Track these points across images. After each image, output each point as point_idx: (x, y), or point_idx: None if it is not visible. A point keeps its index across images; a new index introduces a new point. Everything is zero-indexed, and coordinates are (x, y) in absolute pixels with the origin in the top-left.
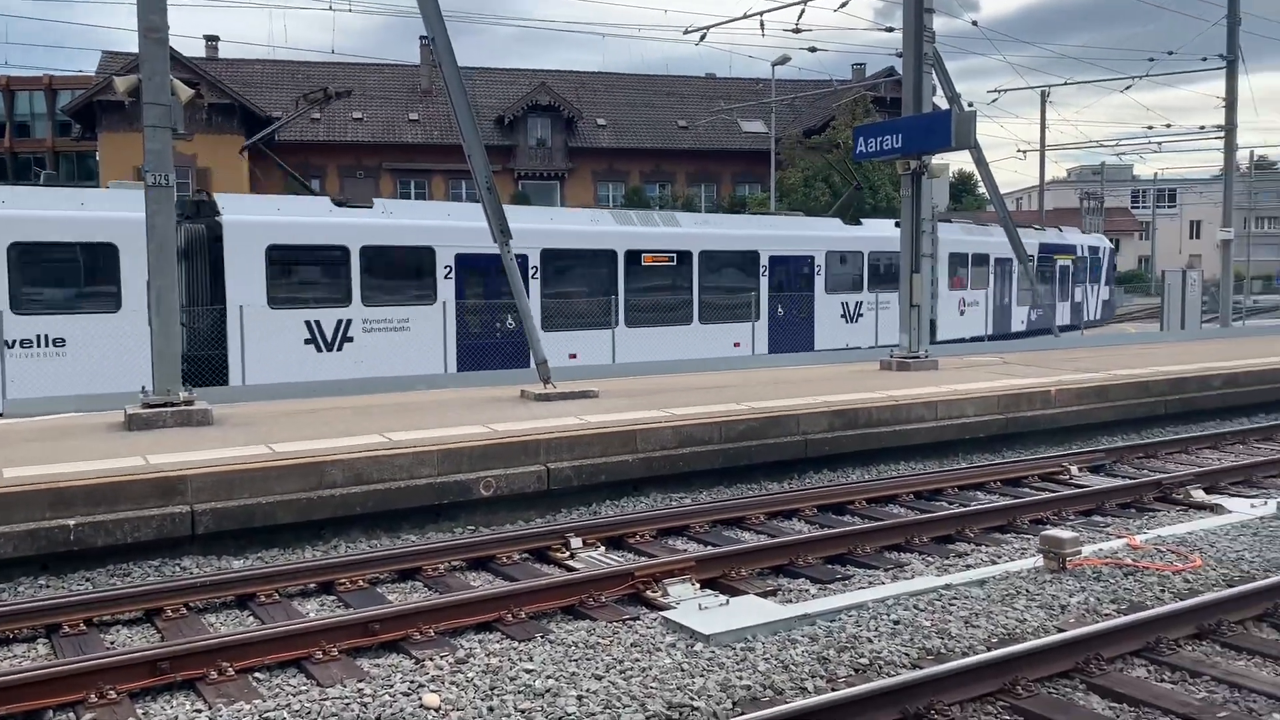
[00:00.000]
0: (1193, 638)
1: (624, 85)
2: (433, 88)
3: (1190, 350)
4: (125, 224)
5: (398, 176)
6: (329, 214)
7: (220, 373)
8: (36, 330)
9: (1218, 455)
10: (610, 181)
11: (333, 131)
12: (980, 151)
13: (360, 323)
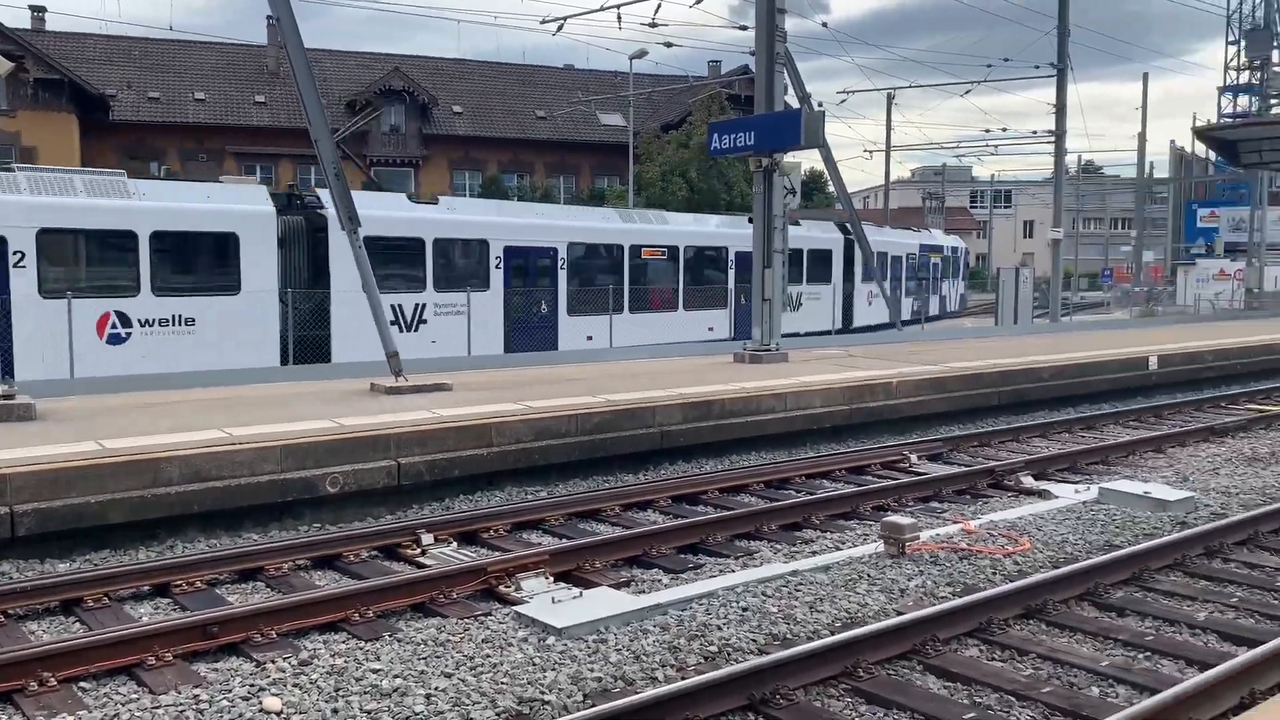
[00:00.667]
0: (1021, 617)
1: (481, 73)
2: (280, 69)
3: (1022, 344)
4: (244, 215)
5: (243, 160)
6: (410, 210)
7: (324, 352)
8: (173, 310)
9: (1046, 443)
10: (467, 170)
11: (172, 112)
12: (829, 151)
13: (432, 307)
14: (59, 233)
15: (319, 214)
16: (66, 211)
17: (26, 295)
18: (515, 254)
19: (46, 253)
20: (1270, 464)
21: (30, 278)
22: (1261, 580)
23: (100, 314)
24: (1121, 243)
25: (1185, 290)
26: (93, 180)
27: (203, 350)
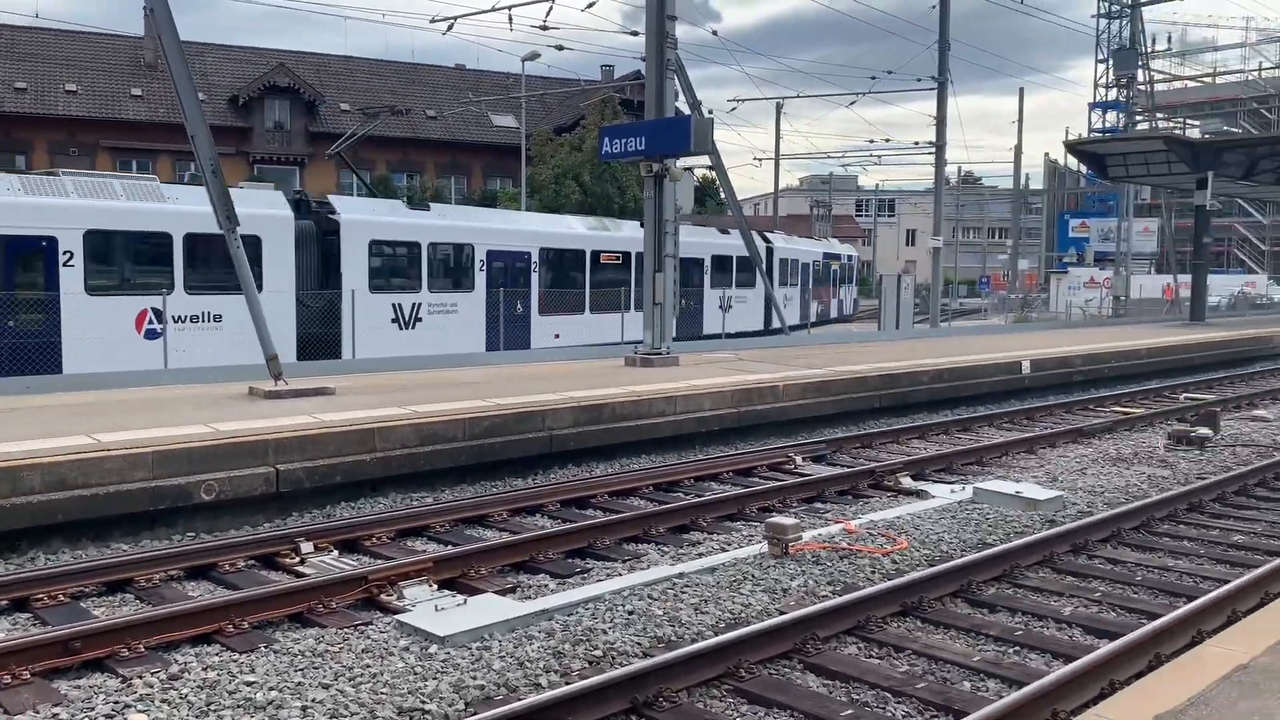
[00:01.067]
0: (898, 615)
1: (369, 70)
2: (158, 62)
3: (904, 348)
4: (267, 219)
5: (117, 156)
6: (407, 215)
7: (334, 348)
8: (202, 308)
9: (924, 444)
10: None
11: (41, 104)
12: (719, 157)
13: (427, 306)
14: (103, 234)
15: (330, 218)
16: (109, 214)
17: (73, 292)
18: (496, 257)
19: (92, 252)
20: (1133, 464)
21: (77, 275)
22: (1123, 575)
23: (139, 310)
24: (999, 251)
25: (1057, 297)
26: (131, 185)
27: (230, 345)
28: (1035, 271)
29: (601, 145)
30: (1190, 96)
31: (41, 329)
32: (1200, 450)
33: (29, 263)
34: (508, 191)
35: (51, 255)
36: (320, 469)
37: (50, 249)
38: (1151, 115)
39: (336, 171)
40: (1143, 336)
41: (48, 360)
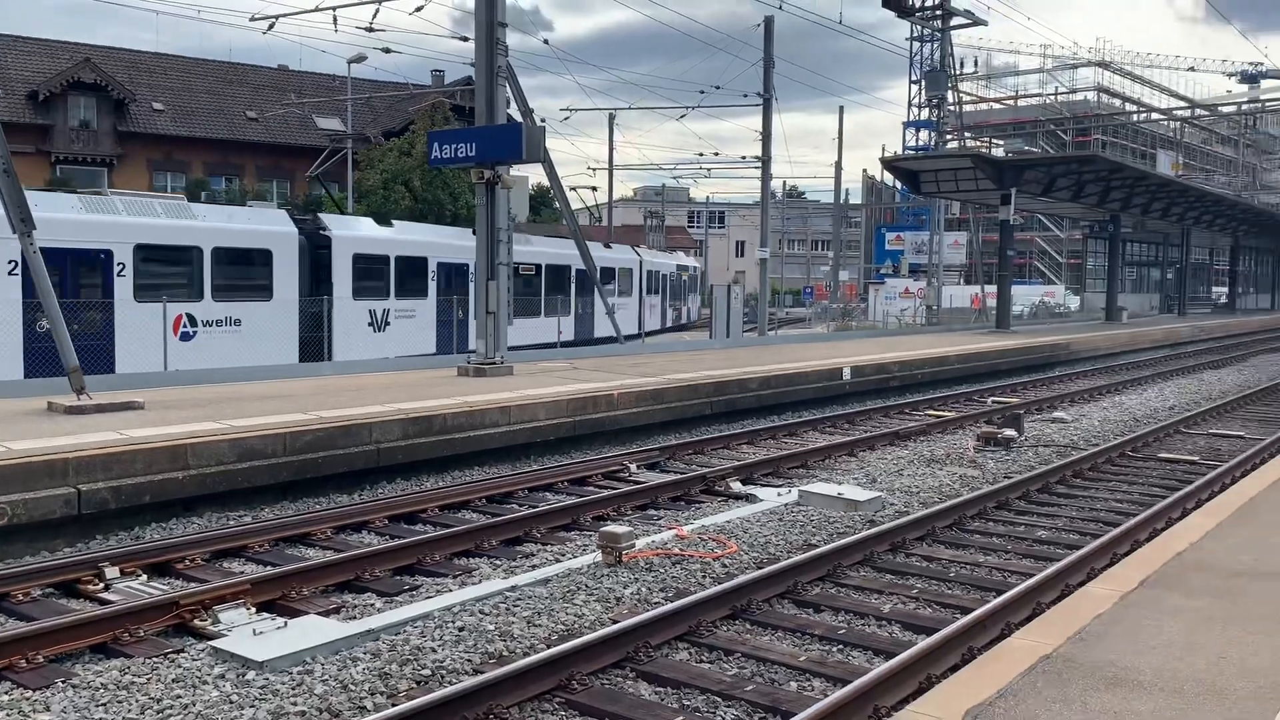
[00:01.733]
0: (728, 618)
1: (185, 69)
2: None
3: (734, 356)
4: (278, 236)
5: None
6: (379, 231)
7: (324, 349)
8: (226, 313)
9: (753, 449)
10: (169, 171)
11: None
12: (553, 166)
13: (394, 311)
14: (148, 248)
15: (322, 234)
16: (152, 230)
17: (124, 299)
18: (444, 268)
19: (139, 264)
20: (946, 464)
21: (128, 284)
22: (938, 571)
23: (175, 315)
24: (821, 262)
25: (876, 307)
26: (168, 204)
27: (247, 346)
28: (855, 282)
29: (431, 151)
30: (995, 117)
31: (100, 331)
32: (1007, 451)
33: (89, 272)
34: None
35: (108, 266)
36: (127, 489)
37: (107, 260)
38: (960, 134)
39: (150, 173)
40: (953, 343)
41: (103, 359)
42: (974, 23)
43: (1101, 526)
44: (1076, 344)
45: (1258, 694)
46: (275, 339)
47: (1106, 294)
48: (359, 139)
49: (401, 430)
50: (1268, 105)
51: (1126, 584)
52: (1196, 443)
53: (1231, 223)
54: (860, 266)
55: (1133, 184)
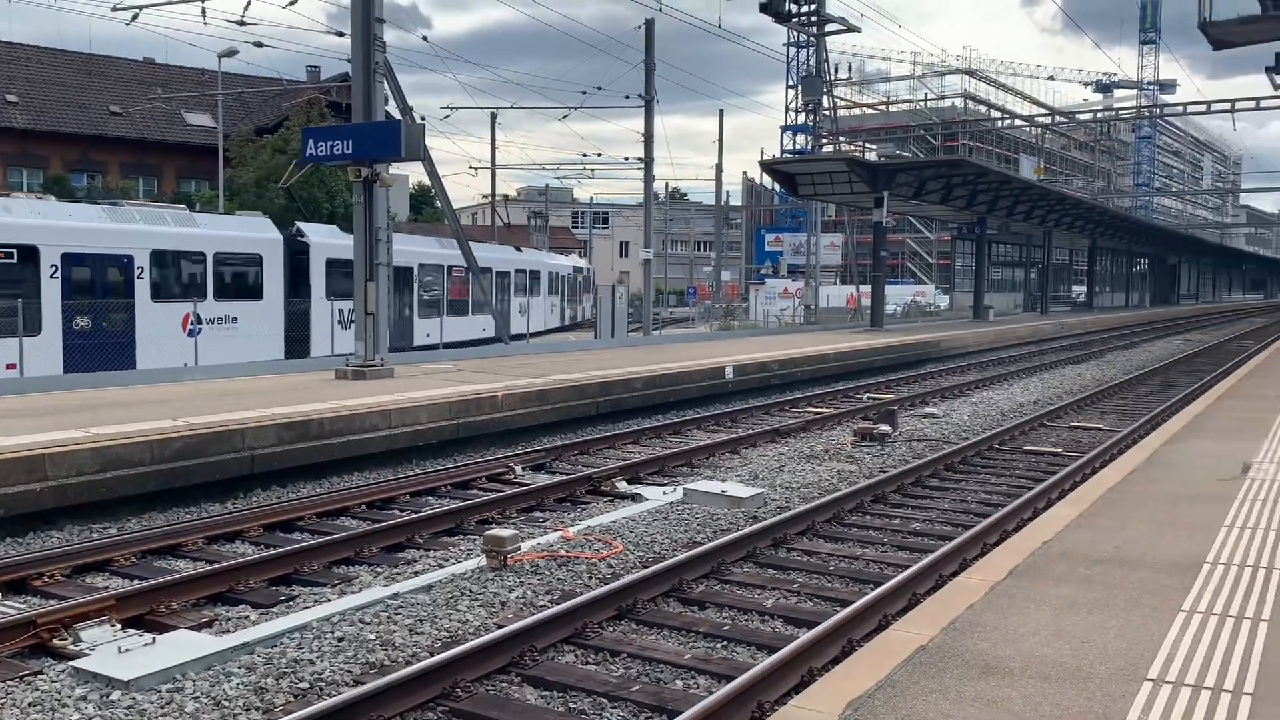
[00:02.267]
0: (614, 619)
1: (41, 60)
2: None
3: (619, 356)
4: (266, 241)
5: None
6: (342, 237)
7: (305, 345)
8: (225, 312)
9: (639, 449)
10: (25, 167)
11: None
12: (433, 165)
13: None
14: (162, 253)
15: (300, 240)
16: (165, 238)
17: (143, 299)
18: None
19: (154, 268)
20: (824, 460)
21: (146, 285)
22: (818, 565)
23: (183, 313)
24: (704, 263)
25: (757, 306)
26: (175, 214)
27: (242, 342)
28: (737, 282)
29: (305, 148)
30: (869, 122)
31: (123, 328)
32: (882, 446)
33: (113, 275)
34: (203, 194)
35: (130, 270)
36: None
37: (129, 264)
38: (835, 139)
39: (4, 169)
40: (831, 342)
41: (126, 354)
42: (847, 29)
43: (972, 518)
44: (947, 342)
45: (1118, 676)
46: (266, 335)
47: (974, 293)
48: None
49: (277, 436)
50: (1120, 114)
51: (997, 574)
52: (1060, 435)
53: (1089, 225)
54: (741, 267)
55: (997, 188)
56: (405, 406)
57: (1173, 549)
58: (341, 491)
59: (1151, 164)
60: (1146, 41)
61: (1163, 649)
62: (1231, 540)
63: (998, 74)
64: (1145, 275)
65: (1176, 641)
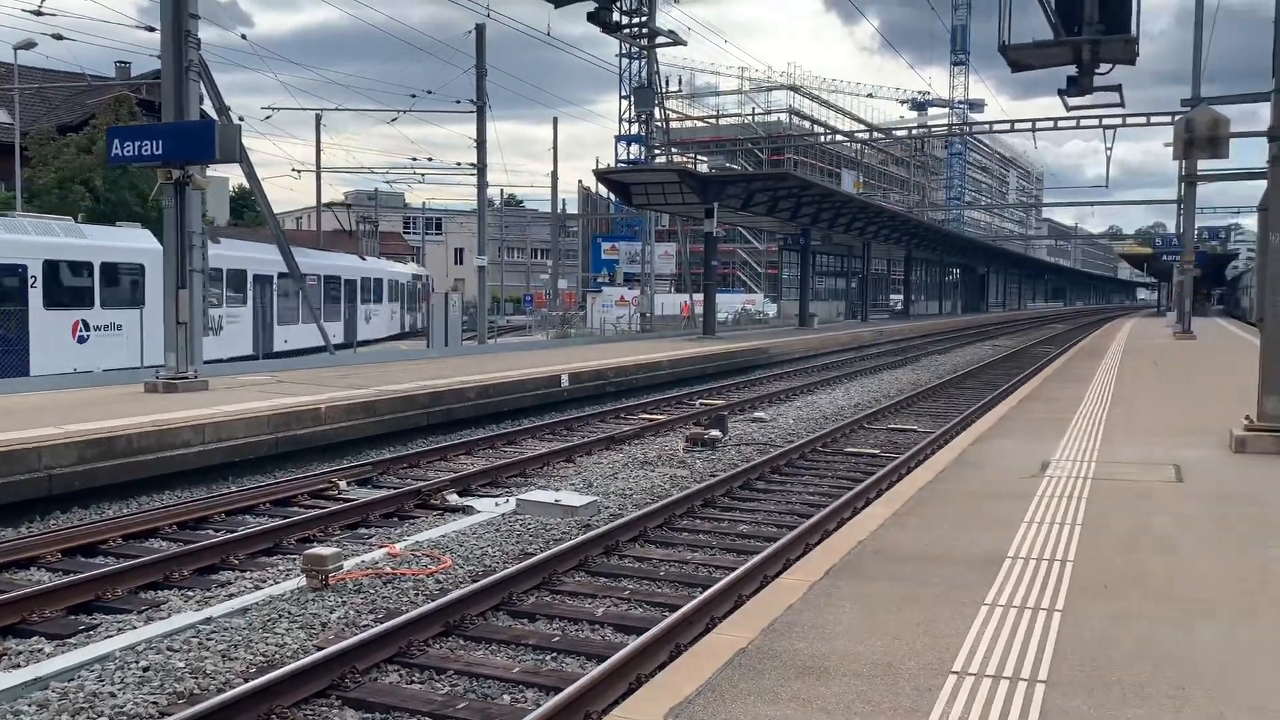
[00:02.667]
0: (441, 635)
1: None
2: None
3: (452, 365)
4: (148, 251)
5: None
6: (214, 248)
7: None
8: (111, 319)
9: (471, 460)
10: None
11: None
12: (251, 167)
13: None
14: (54, 263)
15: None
16: (57, 248)
17: (36, 306)
18: (259, 279)
19: (47, 277)
20: (657, 466)
21: (39, 294)
22: (649, 571)
23: (73, 321)
24: (541, 271)
25: (593, 314)
26: (63, 225)
27: (128, 349)
28: (574, 290)
29: (111, 148)
30: (700, 135)
31: (16, 335)
32: (713, 450)
33: (6, 284)
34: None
35: (24, 279)
36: None
37: (23, 274)
38: (668, 150)
39: None
40: (665, 349)
41: (19, 359)
42: (675, 42)
43: (797, 519)
44: (774, 348)
45: (925, 670)
46: (148, 341)
47: (799, 302)
48: None
49: (78, 454)
50: (933, 131)
51: (815, 573)
52: (878, 437)
53: (905, 236)
54: (579, 275)
55: (820, 200)
56: (221, 421)
57: (978, 545)
58: (150, 512)
59: (962, 179)
60: (957, 63)
61: (967, 642)
62: (1031, 535)
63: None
64: (957, 284)
65: (979, 634)
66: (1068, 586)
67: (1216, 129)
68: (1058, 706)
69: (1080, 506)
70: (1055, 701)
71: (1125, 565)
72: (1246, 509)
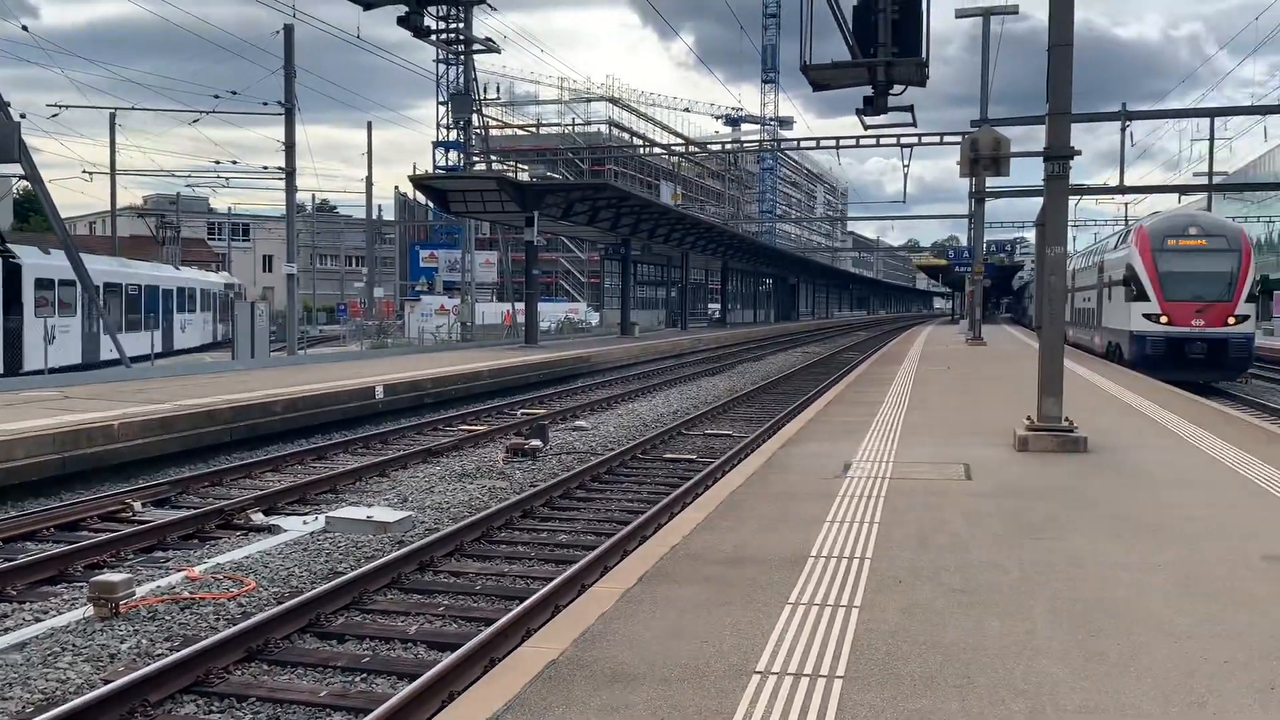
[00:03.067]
0: (243, 661)
1: None
2: None
3: (259, 378)
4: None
5: None
6: (45, 259)
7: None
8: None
9: (279, 477)
10: None
11: None
12: (35, 168)
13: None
14: None
15: (13, 262)
16: None
17: None
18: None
19: None
20: (476, 478)
21: None
22: (465, 586)
23: None
24: (356, 279)
25: (412, 324)
26: None
27: None
28: (392, 299)
29: None
30: (520, 143)
31: None
32: (534, 460)
33: None
34: None
35: None
36: None
37: None
38: (487, 157)
39: None
40: (486, 359)
41: None
42: (488, 49)
43: (616, 526)
44: (597, 357)
45: (730, 671)
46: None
47: (621, 310)
48: None
49: None
50: (745, 146)
51: (628, 580)
52: (695, 442)
53: (721, 248)
54: (396, 283)
55: (639, 211)
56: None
57: (783, 545)
58: None
59: (774, 193)
60: (768, 80)
61: (770, 641)
62: (833, 534)
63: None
64: (770, 294)
65: (783, 633)
66: (865, 583)
67: (998, 149)
68: (854, 701)
69: (879, 505)
70: (852, 696)
71: (918, 561)
72: (1027, 503)
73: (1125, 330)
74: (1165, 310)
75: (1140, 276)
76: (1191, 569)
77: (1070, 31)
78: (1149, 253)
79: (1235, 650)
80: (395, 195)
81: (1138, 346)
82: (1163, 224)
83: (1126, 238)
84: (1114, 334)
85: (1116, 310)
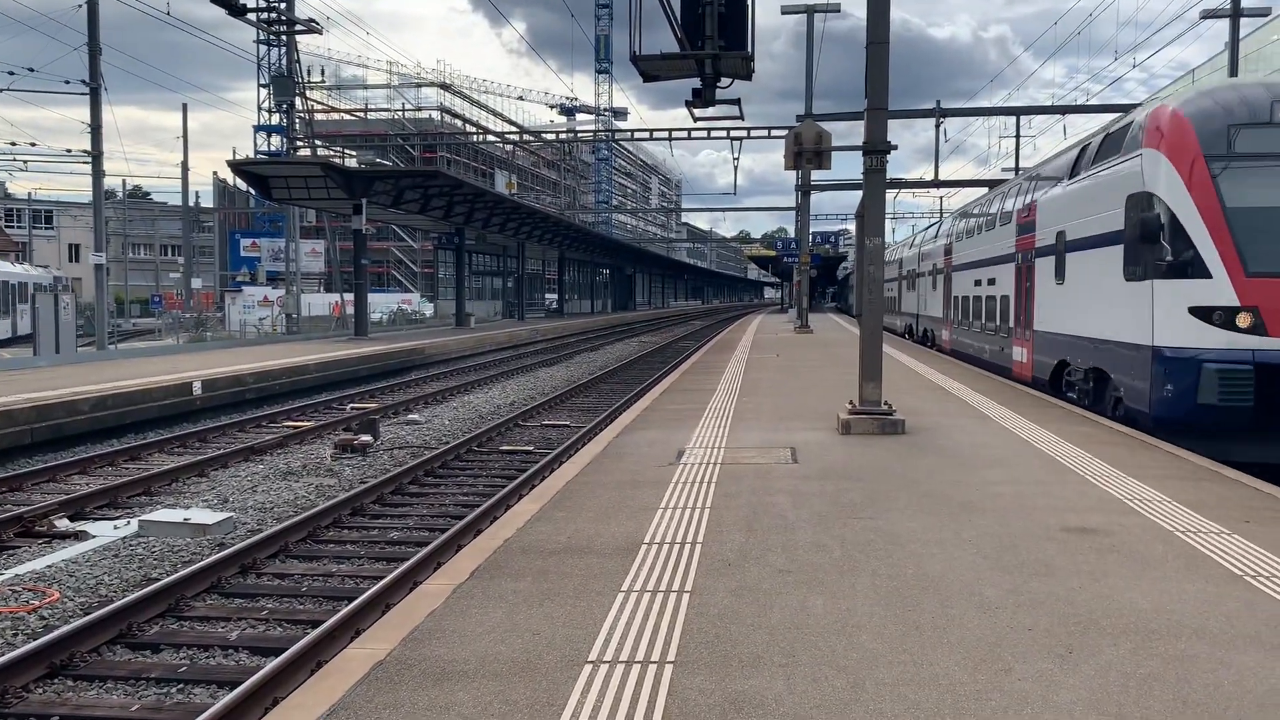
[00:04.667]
0: (45, 678)
1: None
2: None
3: (65, 374)
4: None
5: None
6: None
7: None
8: None
9: (87, 480)
10: None
11: None
12: None
13: None
14: None
15: None
16: None
17: None
18: None
19: None
20: (303, 476)
21: None
22: (290, 588)
23: None
24: (173, 269)
25: (233, 316)
26: None
27: None
28: (212, 290)
29: None
30: (348, 129)
31: None
32: (364, 456)
33: None
34: None
35: None
36: None
37: None
38: (311, 142)
39: None
40: (313, 352)
41: None
42: (310, 30)
43: (450, 521)
44: (431, 348)
45: (563, 663)
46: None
47: (456, 301)
48: None
49: None
50: (580, 136)
51: (460, 575)
52: (533, 434)
53: (558, 238)
54: (216, 273)
55: (473, 200)
56: None
57: (617, 533)
58: None
59: (609, 183)
60: (601, 71)
61: (603, 630)
62: (665, 520)
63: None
64: (608, 284)
65: (615, 621)
66: (696, 567)
67: (820, 142)
68: (683, 685)
69: (710, 490)
70: (681, 680)
71: (746, 543)
72: (850, 484)
73: (1127, 347)
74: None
75: (1180, 219)
76: (1000, 542)
77: (886, 30)
78: (1200, 164)
79: (1038, 618)
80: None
81: (1177, 383)
82: (1219, 101)
83: (1120, 139)
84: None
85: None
